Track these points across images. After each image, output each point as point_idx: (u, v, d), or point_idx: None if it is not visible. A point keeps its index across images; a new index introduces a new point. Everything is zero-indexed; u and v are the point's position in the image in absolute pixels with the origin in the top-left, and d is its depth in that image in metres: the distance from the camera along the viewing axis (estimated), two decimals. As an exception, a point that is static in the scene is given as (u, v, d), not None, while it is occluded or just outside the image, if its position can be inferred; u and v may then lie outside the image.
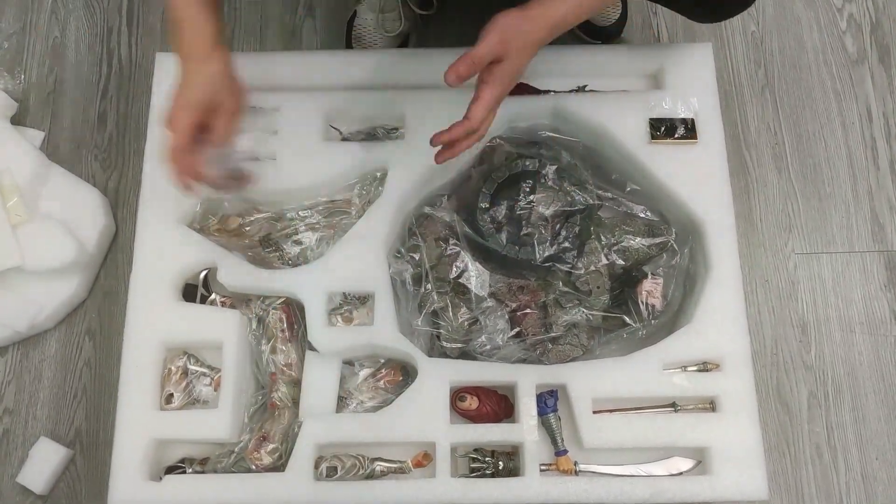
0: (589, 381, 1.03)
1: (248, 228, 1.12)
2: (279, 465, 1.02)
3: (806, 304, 1.26)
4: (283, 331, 1.08)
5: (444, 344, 1.08)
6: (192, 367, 1.07)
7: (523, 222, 1.09)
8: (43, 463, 1.16)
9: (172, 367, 1.06)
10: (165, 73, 1.17)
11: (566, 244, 1.08)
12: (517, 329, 1.08)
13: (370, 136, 1.14)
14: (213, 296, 1.10)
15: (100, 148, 1.34)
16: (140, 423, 1.02)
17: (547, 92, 1.16)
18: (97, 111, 1.36)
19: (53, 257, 1.19)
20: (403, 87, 1.16)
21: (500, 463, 1.03)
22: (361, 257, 1.08)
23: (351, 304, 1.08)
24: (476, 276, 1.09)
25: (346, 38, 1.36)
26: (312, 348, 1.06)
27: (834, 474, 1.18)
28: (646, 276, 1.09)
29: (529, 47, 0.91)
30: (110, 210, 1.29)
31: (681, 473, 1.02)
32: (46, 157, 1.28)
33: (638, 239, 1.10)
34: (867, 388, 1.22)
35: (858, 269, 1.28)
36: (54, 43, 1.41)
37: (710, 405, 1.04)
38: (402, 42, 1.36)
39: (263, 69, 1.17)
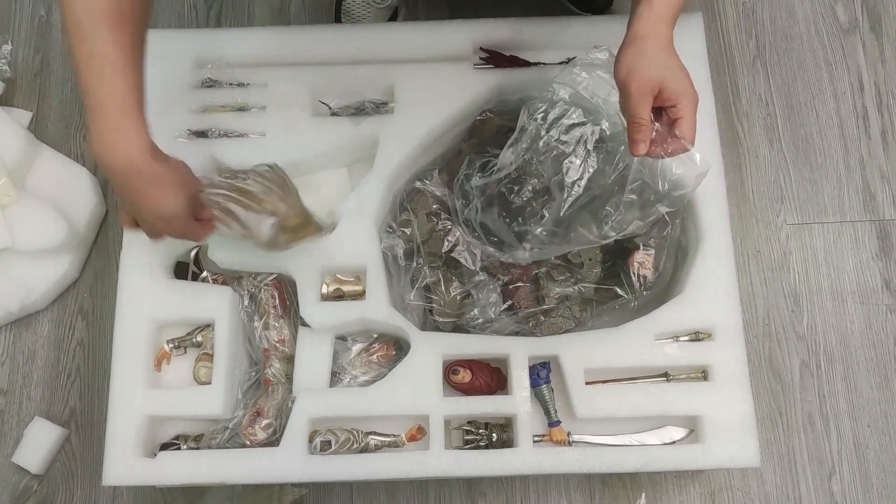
0: (581, 352, 1.04)
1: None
2: (273, 441, 1.03)
3: (798, 275, 1.27)
4: (275, 307, 1.08)
5: (437, 318, 1.08)
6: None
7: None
8: (38, 442, 1.17)
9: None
10: (157, 51, 1.15)
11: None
12: (509, 302, 1.08)
13: (359, 110, 1.13)
14: (204, 273, 1.10)
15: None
16: (133, 400, 1.02)
17: (537, 64, 1.15)
18: (85, 90, 1.35)
19: (44, 237, 1.19)
20: (393, 61, 1.15)
21: (494, 435, 1.04)
22: (353, 232, 1.07)
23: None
24: (468, 249, 1.09)
25: (335, 11, 1.35)
26: (305, 324, 1.06)
27: (826, 442, 1.19)
28: (637, 247, 1.08)
29: (665, 56, 0.85)
30: (100, 189, 1.28)
31: (673, 442, 1.03)
32: (35, 137, 1.27)
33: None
34: (859, 357, 1.23)
35: (850, 239, 1.28)
36: (40, 22, 1.40)
37: (702, 374, 1.04)
38: (392, 15, 1.35)
39: (251, 45, 1.16)
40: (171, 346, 1.07)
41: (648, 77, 0.83)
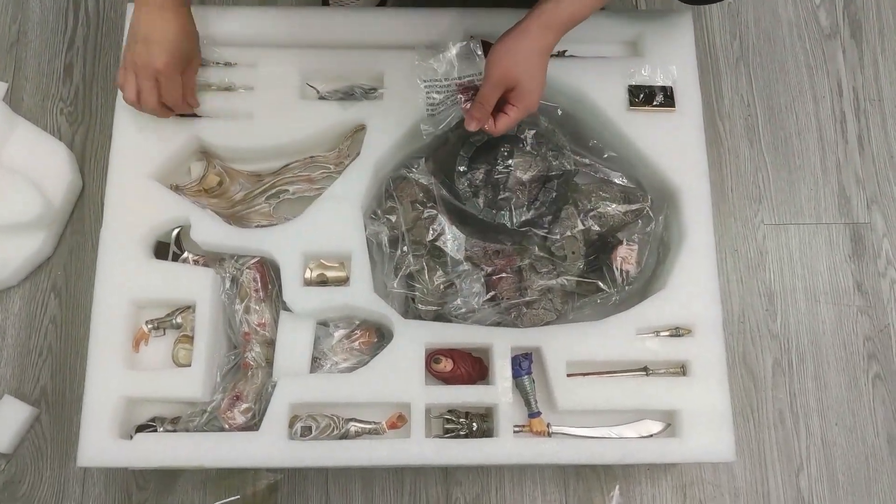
0: (564, 344, 1.04)
1: (226, 186, 1.11)
2: (252, 425, 1.02)
3: (773, 274, 1.29)
4: (256, 290, 1.06)
5: (420, 306, 1.08)
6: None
7: (501, 187, 1.09)
8: (7, 421, 1.14)
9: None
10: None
11: (542, 209, 1.08)
12: (492, 293, 1.09)
13: (348, 95, 1.13)
14: (185, 254, 1.09)
15: (65, 101, 1.30)
16: (110, 381, 1.01)
17: (527, 56, 1.15)
18: (63, 63, 1.32)
19: (18, 211, 1.16)
20: (382, 47, 1.14)
21: (474, 424, 1.04)
22: (338, 218, 1.07)
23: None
24: (452, 239, 1.09)
25: (323, -6, 1.34)
26: (286, 308, 1.05)
27: (795, 439, 1.22)
28: (621, 242, 1.10)
29: (537, 62, 0.94)
30: (77, 165, 1.25)
31: (651, 436, 1.04)
32: (10, 110, 1.24)
33: (614, 205, 1.11)
34: (829, 357, 1.25)
35: (824, 241, 1.31)
36: (17, -9, 1.36)
37: (681, 369, 1.06)
38: (381, 0, 1.34)
39: (239, 25, 1.15)
40: (149, 326, 1.06)
41: (511, 74, 0.93)
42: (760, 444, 1.21)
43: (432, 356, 1.05)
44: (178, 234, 1.09)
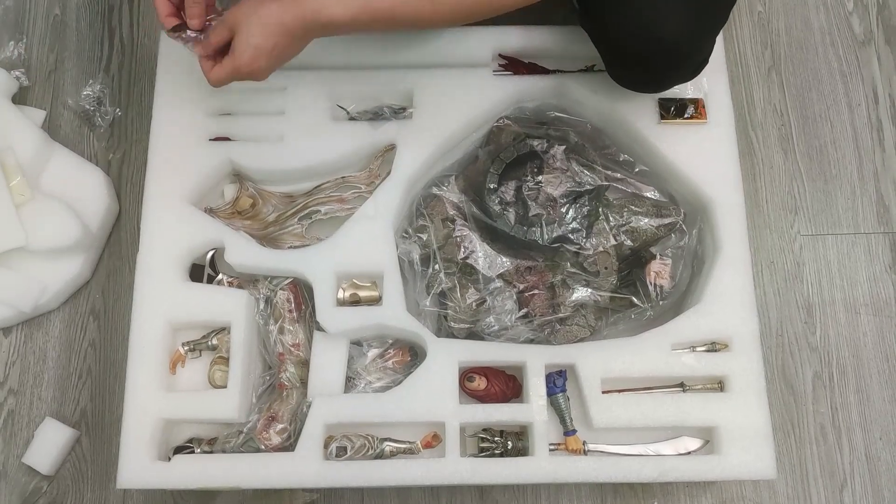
0: (598, 361, 1.04)
1: (259, 208, 1.12)
2: (288, 445, 1.02)
3: (811, 286, 1.27)
4: (290, 311, 1.07)
5: (452, 324, 1.08)
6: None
7: (531, 203, 1.09)
8: (49, 443, 1.16)
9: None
10: (173, 51, 1.15)
11: (574, 225, 1.08)
12: (525, 310, 1.08)
13: (377, 115, 1.13)
14: (219, 276, 1.10)
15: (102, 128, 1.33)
16: (148, 403, 1.02)
17: (555, 72, 1.15)
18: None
19: (58, 237, 1.18)
20: (412, 66, 1.15)
21: (509, 443, 1.03)
22: (369, 237, 1.07)
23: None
24: (484, 256, 1.09)
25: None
26: (320, 328, 1.06)
27: (838, 454, 1.19)
28: (654, 256, 1.09)
29: (260, 25, 0.89)
30: (114, 190, 1.28)
31: (689, 453, 1.03)
32: (49, 137, 1.26)
33: (646, 219, 1.10)
34: (871, 370, 1.23)
35: (863, 251, 1.29)
36: (54, 21, 1.39)
37: (719, 385, 1.05)
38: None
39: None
40: (186, 348, 1.07)
41: (237, 22, 0.90)
42: (802, 460, 1.19)
43: (466, 374, 1.05)
44: (213, 256, 1.10)
